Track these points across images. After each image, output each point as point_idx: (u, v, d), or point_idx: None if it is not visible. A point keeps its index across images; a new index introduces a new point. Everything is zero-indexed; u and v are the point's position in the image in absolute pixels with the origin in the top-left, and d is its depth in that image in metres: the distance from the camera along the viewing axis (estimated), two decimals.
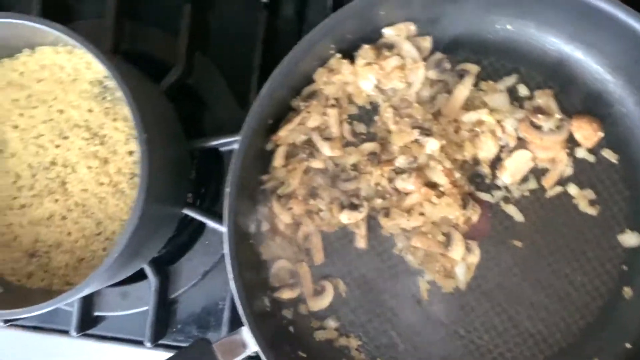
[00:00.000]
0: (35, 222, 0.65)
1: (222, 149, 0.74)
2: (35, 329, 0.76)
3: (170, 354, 0.73)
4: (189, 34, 0.71)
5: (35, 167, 0.65)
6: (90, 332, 0.75)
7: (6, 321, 0.74)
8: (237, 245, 0.60)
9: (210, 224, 0.72)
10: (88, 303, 0.74)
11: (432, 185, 0.65)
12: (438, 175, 0.64)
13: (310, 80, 0.66)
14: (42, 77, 0.66)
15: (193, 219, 0.74)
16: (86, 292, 0.60)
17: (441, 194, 0.65)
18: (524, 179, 0.67)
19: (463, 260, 0.66)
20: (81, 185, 0.64)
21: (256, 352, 0.59)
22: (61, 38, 0.61)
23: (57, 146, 0.65)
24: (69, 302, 0.73)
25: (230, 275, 0.58)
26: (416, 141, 0.64)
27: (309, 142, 0.66)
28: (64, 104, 0.65)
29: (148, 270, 0.71)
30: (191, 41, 0.72)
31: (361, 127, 0.67)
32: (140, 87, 0.59)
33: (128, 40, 0.75)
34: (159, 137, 0.58)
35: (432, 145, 0.63)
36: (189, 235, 0.76)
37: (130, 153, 0.64)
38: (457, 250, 0.65)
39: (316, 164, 0.66)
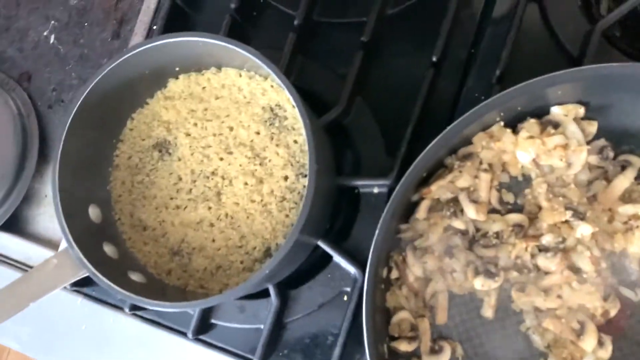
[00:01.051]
0: (185, 224, 0.70)
1: (363, 190, 0.76)
2: (154, 323, 0.81)
3: None
4: (355, 78, 0.75)
5: (197, 173, 0.71)
6: (202, 337, 0.79)
7: (132, 308, 0.79)
8: (373, 288, 0.61)
9: (338, 259, 0.74)
10: (208, 309, 0.77)
11: (575, 270, 0.64)
12: (584, 261, 0.63)
13: (467, 142, 0.67)
14: (221, 94, 0.72)
15: (318, 249, 0.76)
16: (227, 300, 0.63)
17: (583, 281, 0.63)
18: None
19: (593, 353, 0.63)
20: (234, 199, 0.69)
21: None
22: (250, 63, 0.67)
23: (221, 159, 0.70)
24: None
25: (365, 319, 0.59)
26: (567, 222, 0.64)
27: (454, 201, 0.67)
28: (235, 123, 0.70)
29: (272, 291, 0.74)
30: (355, 85, 0.76)
31: (509, 197, 0.67)
32: (312, 120, 0.63)
33: (296, 74, 0.80)
34: (322, 170, 0.61)
35: (585, 230, 0.62)
36: (312, 265, 0.78)
37: (285, 178, 0.68)
38: (589, 341, 0.63)
39: (458, 224, 0.67)
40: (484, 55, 0.77)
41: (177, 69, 0.71)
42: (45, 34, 0.93)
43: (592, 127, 0.66)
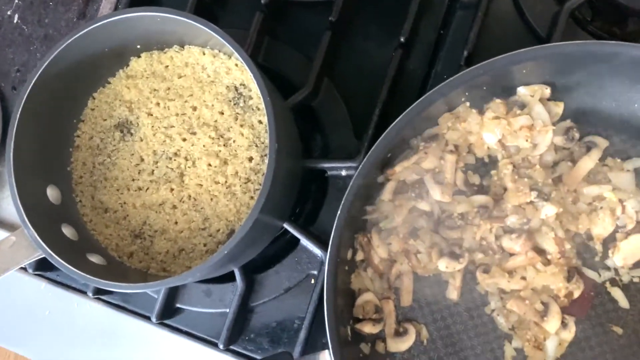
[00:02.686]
0: (147, 206, 0.69)
1: (330, 172, 0.75)
2: (119, 307, 0.79)
3: None
4: (323, 59, 0.74)
5: (159, 154, 0.69)
6: (167, 321, 0.77)
7: (95, 292, 0.78)
8: (335, 269, 0.60)
9: (305, 242, 0.73)
10: (173, 293, 0.76)
11: (540, 251, 0.63)
12: (548, 242, 0.63)
13: (433, 123, 0.66)
14: (184, 73, 0.70)
15: (286, 233, 0.75)
16: (186, 282, 0.62)
17: (547, 262, 0.63)
18: (637, 265, 0.64)
19: (557, 334, 0.63)
20: (197, 180, 0.68)
21: None
22: (214, 41, 0.65)
23: (184, 139, 0.68)
24: (156, 289, 0.76)
25: (326, 299, 0.58)
26: (531, 203, 0.63)
27: (420, 183, 0.67)
28: (198, 102, 0.69)
29: (237, 275, 0.73)
30: (323, 66, 0.74)
31: (475, 178, 0.67)
32: (275, 99, 0.62)
33: (263, 55, 0.78)
34: (284, 150, 0.60)
35: (549, 210, 0.62)
36: (279, 248, 0.77)
37: (250, 159, 0.67)
38: (552, 322, 0.63)
39: (423, 205, 0.66)
40: (453, 37, 0.76)
41: (138, 46, 0.69)
42: (9, 13, 0.91)
43: (558, 108, 0.65)
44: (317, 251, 0.73)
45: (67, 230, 0.67)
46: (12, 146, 0.62)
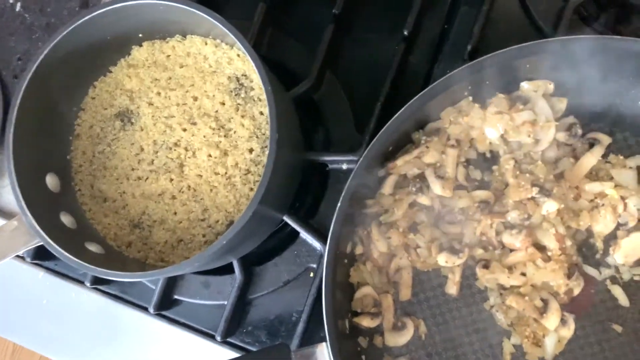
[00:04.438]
0: (146, 196, 0.69)
1: (331, 166, 0.75)
2: (116, 297, 0.79)
3: (235, 354, 0.75)
4: (326, 52, 0.74)
5: (159, 144, 0.69)
6: (165, 313, 0.77)
7: (93, 282, 0.78)
8: (334, 262, 0.60)
9: (304, 235, 0.73)
10: (171, 284, 0.76)
11: (540, 248, 0.63)
12: (549, 239, 0.62)
13: (435, 117, 0.66)
14: (185, 63, 0.70)
15: (286, 226, 0.75)
16: (184, 271, 0.61)
17: (547, 259, 0.63)
18: (638, 263, 0.63)
19: (556, 331, 0.63)
20: (197, 171, 0.67)
21: None
22: (217, 31, 0.65)
23: (184, 130, 0.68)
24: (153, 280, 0.75)
25: (324, 292, 0.58)
26: (533, 199, 0.63)
27: (421, 177, 0.66)
28: (199, 92, 0.68)
29: (236, 266, 0.72)
30: (326, 59, 0.74)
31: (476, 174, 0.67)
32: (277, 90, 0.61)
33: (266, 46, 0.78)
34: (285, 141, 0.60)
35: (550, 206, 0.62)
36: (278, 241, 0.77)
37: (250, 150, 0.66)
38: (552, 319, 0.62)
39: (424, 200, 0.66)
40: (457, 32, 0.75)
41: (140, 35, 0.69)
42: (11, 1, 0.90)
43: (562, 104, 0.65)
44: (316, 244, 0.73)
45: (66, 219, 0.67)
46: (12, 133, 0.62)
